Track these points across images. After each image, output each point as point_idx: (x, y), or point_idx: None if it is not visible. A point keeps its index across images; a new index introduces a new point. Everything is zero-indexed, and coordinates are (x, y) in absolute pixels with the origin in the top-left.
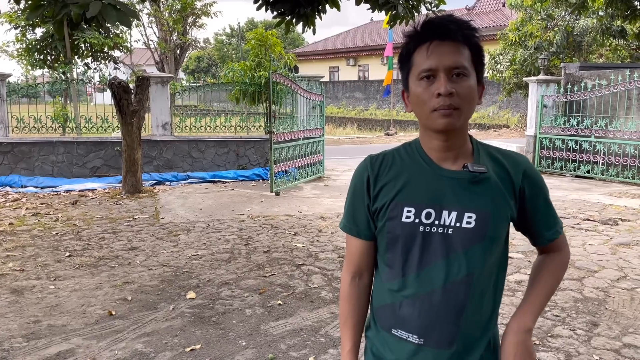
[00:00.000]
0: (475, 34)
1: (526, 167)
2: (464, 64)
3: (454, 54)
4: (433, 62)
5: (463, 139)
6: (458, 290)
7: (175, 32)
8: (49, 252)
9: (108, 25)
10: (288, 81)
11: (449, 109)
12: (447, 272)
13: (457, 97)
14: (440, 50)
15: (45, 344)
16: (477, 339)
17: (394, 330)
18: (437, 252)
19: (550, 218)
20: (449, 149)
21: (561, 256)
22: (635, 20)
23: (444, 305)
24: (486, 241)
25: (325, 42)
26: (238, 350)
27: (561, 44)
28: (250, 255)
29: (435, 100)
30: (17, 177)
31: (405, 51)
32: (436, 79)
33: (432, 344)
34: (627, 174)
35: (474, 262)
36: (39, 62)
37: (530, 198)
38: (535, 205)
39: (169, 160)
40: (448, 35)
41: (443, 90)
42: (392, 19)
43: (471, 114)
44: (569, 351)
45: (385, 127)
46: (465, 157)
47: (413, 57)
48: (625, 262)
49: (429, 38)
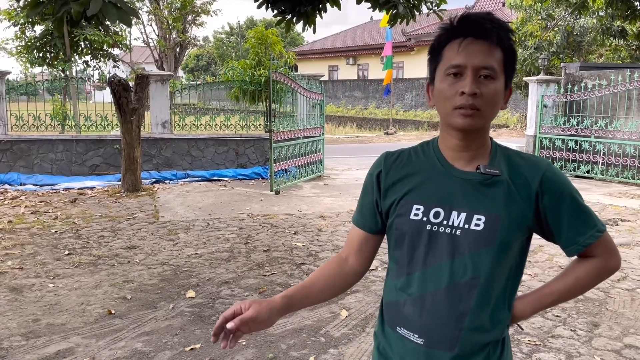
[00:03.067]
0: (512, 36)
1: (546, 171)
2: (493, 66)
3: (485, 54)
4: (462, 59)
5: (481, 141)
6: (462, 292)
7: (175, 30)
8: (48, 250)
9: (108, 23)
10: (288, 80)
11: (471, 110)
12: (452, 273)
13: (480, 99)
14: (472, 48)
15: (44, 343)
16: (482, 345)
17: (398, 329)
18: (443, 252)
19: (582, 221)
20: (466, 149)
21: (597, 262)
22: (636, 21)
23: (446, 306)
24: (495, 246)
25: (325, 41)
26: (238, 349)
27: (561, 44)
28: (250, 254)
29: (459, 98)
30: (16, 175)
31: (437, 43)
32: (463, 76)
33: (433, 345)
34: (627, 174)
35: (480, 265)
36: (38, 60)
37: (551, 203)
38: (559, 209)
39: (169, 159)
40: (483, 34)
41: (468, 90)
42: (392, 18)
43: (493, 117)
44: (569, 352)
45: (385, 126)
46: (481, 159)
47: (444, 51)
48: (625, 262)
49: (463, 34)
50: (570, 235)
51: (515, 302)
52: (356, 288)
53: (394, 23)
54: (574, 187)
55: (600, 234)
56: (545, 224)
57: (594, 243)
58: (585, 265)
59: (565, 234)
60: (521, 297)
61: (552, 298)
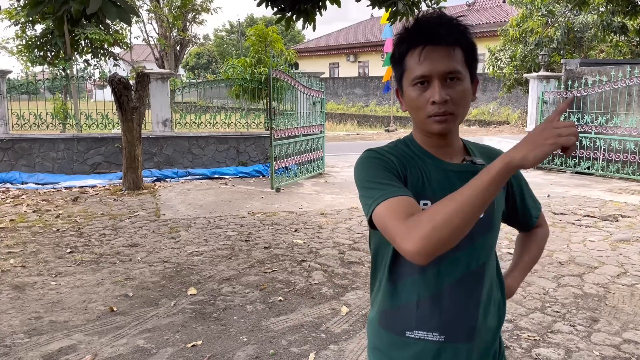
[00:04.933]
0: (467, 33)
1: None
2: (457, 69)
3: (447, 58)
4: (426, 69)
5: (457, 135)
6: (475, 280)
7: (175, 28)
8: (50, 248)
9: (108, 21)
10: (288, 77)
11: (444, 115)
12: (466, 264)
13: (451, 103)
14: (433, 56)
15: (46, 340)
16: (494, 329)
17: (408, 333)
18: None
19: (533, 198)
20: (446, 145)
21: (544, 230)
22: (636, 17)
23: (464, 297)
24: (493, 231)
25: (325, 38)
26: (239, 346)
27: (562, 40)
28: (251, 251)
29: (430, 107)
30: (18, 174)
31: (397, 53)
32: (430, 85)
33: (453, 339)
34: (628, 170)
35: (485, 252)
36: (39, 59)
37: (516, 185)
38: (521, 191)
39: (169, 157)
40: (439, 40)
41: (437, 99)
42: (392, 15)
43: (466, 114)
44: (569, 347)
45: (386, 123)
46: (460, 152)
47: (405, 61)
48: (625, 258)
49: (421, 42)
50: (529, 211)
51: (506, 279)
52: (356, 285)
53: (393, 20)
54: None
55: (541, 206)
56: (512, 205)
57: (540, 215)
58: (537, 234)
59: (527, 212)
60: (508, 274)
61: (528, 269)
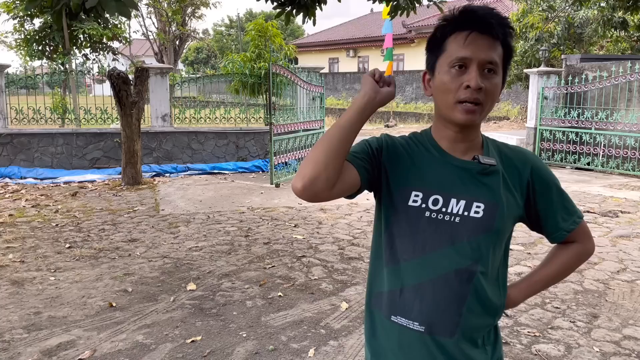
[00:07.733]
0: (512, 34)
1: (534, 161)
2: (496, 61)
3: (489, 48)
4: (469, 52)
5: (476, 133)
6: (461, 278)
7: (174, 23)
8: (49, 243)
9: (107, 15)
10: (288, 72)
11: (474, 104)
12: (451, 260)
13: (483, 93)
14: (478, 43)
15: (45, 335)
16: (479, 329)
17: (393, 317)
18: (443, 239)
19: (565, 209)
20: (462, 140)
21: (580, 247)
22: (637, 12)
23: (447, 293)
24: (492, 233)
25: (325, 33)
26: (239, 341)
27: (562, 36)
28: (251, 247)
29: (463, 91)
30: (17, 169)
31: (439, 34)
32: (468, 70)
33: (434, 331)
34: (628, 166)
35: (478, 252)
36: (38, 53)
37: (541, 192)
38: (548, 197)
39: (169, 152)
40: (488, 29)
41: (474, 84)
42: (393, 10)
43: (490, 110)
44: (569, 343)
45: (385, 118)
46: (475, 150)
47: (446, 43)
48: (625, 254)
49: (469, 27)
50: (556, 222)
51: (509, 289)
52: (356, 280)
53: (394, 15)
54: (556, 177)
55: (580, 220)
56: (534, 212)
57: (575, 229)
58: (568, 251)
59: (552, 222)
60: (514, 284)
61: (542, 284)
